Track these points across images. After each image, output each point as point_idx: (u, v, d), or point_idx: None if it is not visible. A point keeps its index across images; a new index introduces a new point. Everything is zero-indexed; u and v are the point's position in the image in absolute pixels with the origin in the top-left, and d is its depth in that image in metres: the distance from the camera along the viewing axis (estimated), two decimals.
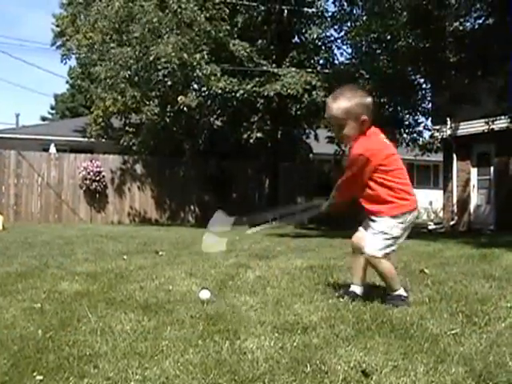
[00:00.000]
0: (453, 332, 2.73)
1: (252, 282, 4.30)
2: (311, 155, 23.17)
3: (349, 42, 17.09)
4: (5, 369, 2.20)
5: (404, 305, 3.35)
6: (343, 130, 3.52)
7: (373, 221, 3.51)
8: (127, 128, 22.48)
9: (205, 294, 3.52)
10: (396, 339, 2.60)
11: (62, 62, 24.96)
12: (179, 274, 4.76)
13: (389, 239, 3.44)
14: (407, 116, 17.07)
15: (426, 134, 18.78)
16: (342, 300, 3.48)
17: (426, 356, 2.34)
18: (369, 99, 3.54)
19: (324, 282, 4.31)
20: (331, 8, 32.00)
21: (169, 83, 16.85)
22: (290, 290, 3.93)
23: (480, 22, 13.46)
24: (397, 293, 3.44)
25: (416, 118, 17.38)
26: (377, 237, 3.45)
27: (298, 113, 18.42)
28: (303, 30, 19.44)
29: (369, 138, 3.49)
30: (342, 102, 3.48)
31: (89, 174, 18.80)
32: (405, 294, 3.46)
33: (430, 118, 18.06)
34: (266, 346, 2.49)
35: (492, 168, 17.33)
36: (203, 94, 18.78)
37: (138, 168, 19.95)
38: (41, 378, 2.09)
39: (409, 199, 3.48)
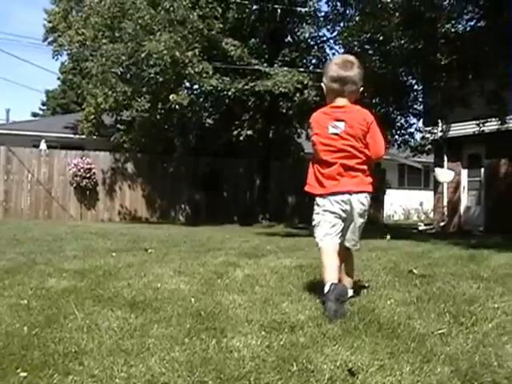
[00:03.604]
0: (439, 332, 2.73)
1: (240, 281, 4.29)
2: (302, 154, 23.18)
3: (341, 42, 17.09)
4: None
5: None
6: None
7: None
8: (118, 125, 22.38)
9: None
10: (383, 339, 2.60)
11: (53, 57, 24.70)
12: (167, 272, 4.75)
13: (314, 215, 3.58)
14: (399, 117, 17.14)
15: (418, 136, 18.91)
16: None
17: (412, 356, 2.34)
18: (332, 67, 3.61)
19: (312, 282, 4.30)
20: (324, 8, 32.10)
21: (160, 80, 16.79)
22: (278, 289, 3.93)
23: (472, 24, 13.52)
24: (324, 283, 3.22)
25: (408, 119, 17.47)
26: None
27: (290, 112, 18.42)
28: (296, 29, 19.44)
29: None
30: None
31: (79, 170, 18.66)
32: (326, 289, 3.13)
33: (421, 120, 18.14)
34: (253, 345, 2.48)
35: (482, 170, 17.39)
36: (195, 92, 18.75)
37: (129, 166, 19.81)
38: (25, 374, 2.07)
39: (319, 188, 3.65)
